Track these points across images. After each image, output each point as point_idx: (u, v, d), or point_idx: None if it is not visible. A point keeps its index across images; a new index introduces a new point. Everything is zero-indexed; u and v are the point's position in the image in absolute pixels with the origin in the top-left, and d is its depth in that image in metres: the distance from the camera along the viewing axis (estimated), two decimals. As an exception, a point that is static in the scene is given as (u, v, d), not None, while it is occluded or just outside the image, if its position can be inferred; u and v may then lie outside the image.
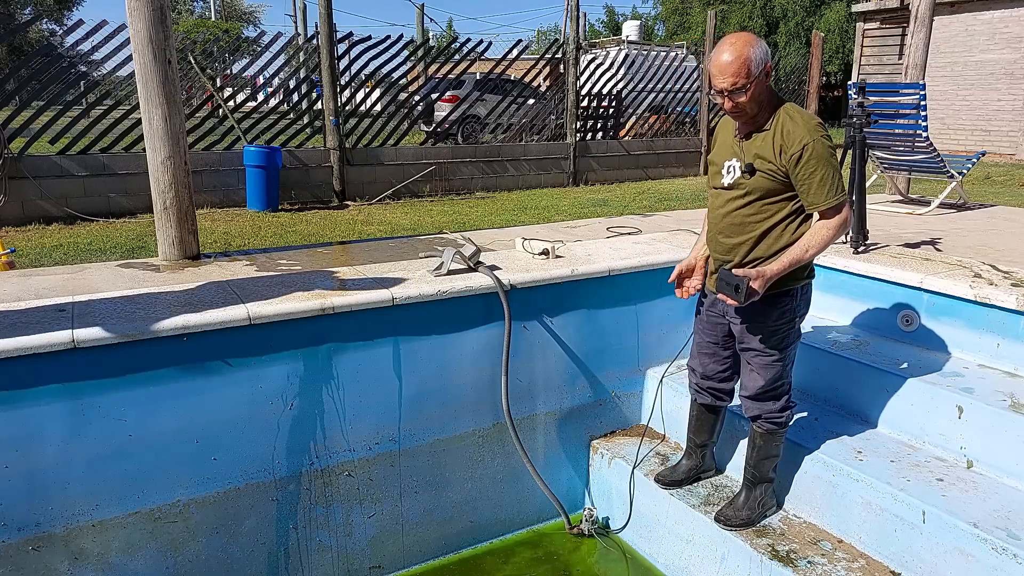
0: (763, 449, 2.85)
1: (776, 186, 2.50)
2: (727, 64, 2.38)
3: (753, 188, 2.53)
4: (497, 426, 3.40)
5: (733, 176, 2.58)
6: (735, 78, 2.37)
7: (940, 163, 5.54)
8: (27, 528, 2.53)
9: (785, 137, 2.44)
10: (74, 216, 7.80)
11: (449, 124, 11.28)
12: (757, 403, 2.77)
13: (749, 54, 2.37)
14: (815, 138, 2.41)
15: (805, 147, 2.40)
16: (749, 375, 2.77)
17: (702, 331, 2.92)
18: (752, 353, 2.72)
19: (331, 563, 3.15)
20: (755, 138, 2.52)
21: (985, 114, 15.05)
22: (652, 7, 45.77)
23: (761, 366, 2.72)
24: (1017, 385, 2.98)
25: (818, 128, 2.44)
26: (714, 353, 2.91)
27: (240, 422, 2.81)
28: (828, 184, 2.42)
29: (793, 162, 2.42)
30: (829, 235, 2.46)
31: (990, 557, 2.37)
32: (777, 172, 2.47)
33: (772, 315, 2.64)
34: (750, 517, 2.92)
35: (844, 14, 23.62)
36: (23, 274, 3.39)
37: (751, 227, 2.57)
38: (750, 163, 2.51)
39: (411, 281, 3.16)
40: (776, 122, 2.48)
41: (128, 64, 8.01)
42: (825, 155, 2.42)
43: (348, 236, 7.00)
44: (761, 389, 2.74)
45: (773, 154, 2.46)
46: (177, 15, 33.90)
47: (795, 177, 2.45)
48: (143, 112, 3.39)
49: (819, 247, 2.47)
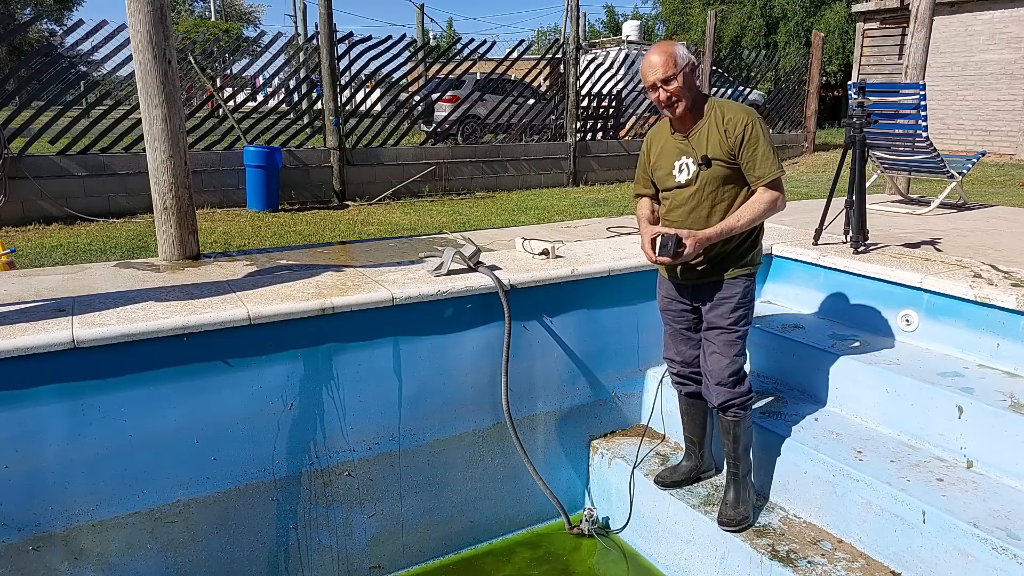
0: (742, 437, 2.92)
1: (729, 171, 2.71)
2: (656, 61, 2.66)
3: (711, 178, 2.72)
4: (497, 426, 3.40)
5: (688, 172, 2.76)
6: (665, 68, 2.64)
7: (940, 163, 5.53)
8: (27, 528, 2.53)
9: (727, 123, 2.68)
10: (74, 216, 7.80)
11: (449, 124, 11.27)
12: (728, 388, 2.84)
13: (673, 50, 2.67)
14: (753, 119, 2.67)
15: (747, 126, 2.65)
16: (713, 358, 2.86)
17: (671, 320, 3.04)
18: (717, 331, 2.84)
19: (331, 563, 3.15)
20: (699, 133, 2.73)
21: (985, 114, 15.04)
22: (652, 7, 45.77)
23: (725, 343, 2.83)
24: (1017, 385, 2.98)
25: (753, 112, 2.71)
26: (687, 338, 3.02)
27: (240, 422, 2.81)
28: (770, 159, 2.66)
29: (739, 142, 2.66)
30: (761, 207, 2.68)
31: (990, 557, 2.37)
32: (729, 156, 2.68)
33: (737, 293, 2.81)
34: (747, 512, 2.96)
35: (844, 14, 23.60)
36: (23, 274, 3.39)
37: (721, 213, 2.75)
38: (704, 155, 2.70)
39: (411, 281, 3.16)
40: (712, 113, 2.71)
41: (128, 64, 8.00)
42: (764, 133, 2.67)
43: (348, 236, 7.00)
44: (729, 370, 2.83)
45: (721, 139, 2.68)
46: (177, 15, 33.89)
47: (741, 155, 2.67)
48: (143, 112, 3.39)
49: (751, 216, 2.69)
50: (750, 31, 26.33)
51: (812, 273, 3.93)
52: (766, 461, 3.12)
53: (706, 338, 2.91)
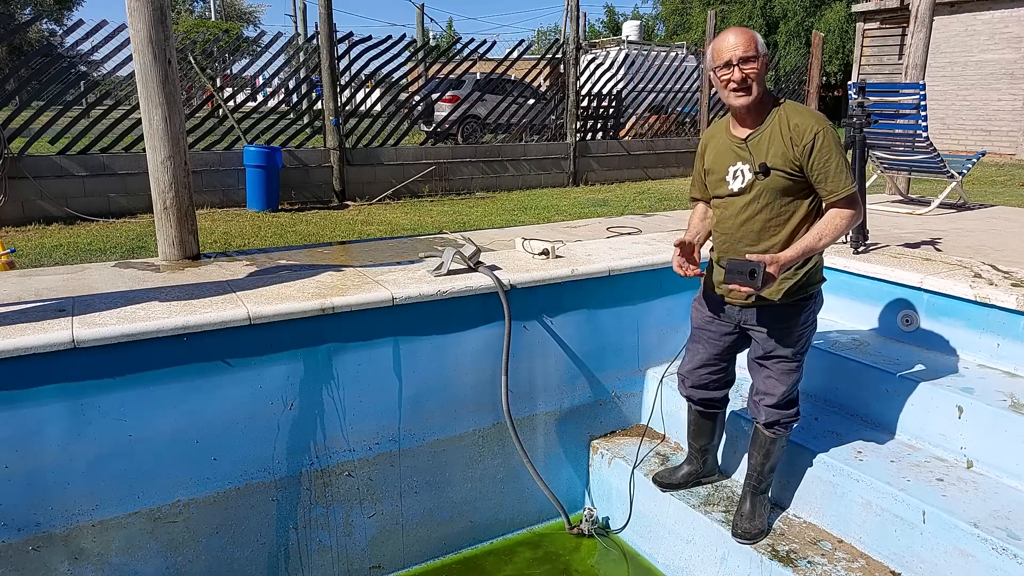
0: (775, 455, 2.81)
1: (791, 183, 2.45)
2: (737, 39, 2.41)
3: (768, 189, 2.47)
4: (497, 426, 3.40)
5: (743, 180, 2.52)
6: (747, 47, 2.39)
7: (940, 163, 5.53)
8: (27, 528, 2.53)
9: (794, 129, 2.41)
10: (74, 216, 7.80)
11: (449, 124, 11.27)
12: (779, 411, 2.72)
13: (754, 35, 2.43)
14: (824, 127, 2.40)
15: (817, 135, 2.38)
16: (768, 382, 2.70)
17: (704, 341, 2.83)
18: (775, 360, 2.66)
19: (331, 563, 3.15)
20: (760, 138, 2.48)
21: (985, 114, 15.05)
22: (652, 7, 45.78)
23: (783, 372, 2.66)
24: (1017, 385, 2.98)
25: (824, 118, 2.44)
26: (713, 364, 2.86)
27: (240, 422, 2.81)
28: (844, 171, 2.40)
29: (807, 152, 2.39)
30: (843, 224, 2.42)
31: (990, 557, 2.37)
32: (793, 167, 2.43)
33: (799, 320, 2.60)
34: (763, 525, 2.89)
35: (844, 14, 23.61)
36: (23, 274, 3.39)
37: (775, 230, 2.51)
38: (763, 163, 2.44)
39: (411, 281, 3.16)
40: (777, 118, 2.46)
41: (128, 64, 8.00)
42: (836, 143, 2.41)
43: (348, 236, 7.00)
44: (784, 395, 2.69)
45: (785, 148, 2.42)
46: (177, 15, 33.89)
47: (810, 167, 2.41)
48: (143, 112, 3.39)
49: (832, 236, 2.42)
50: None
51: (812, 273, 3.93)
52: (766, 461, 3.11)
53: (761, 364, 2.70)
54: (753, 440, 2.84)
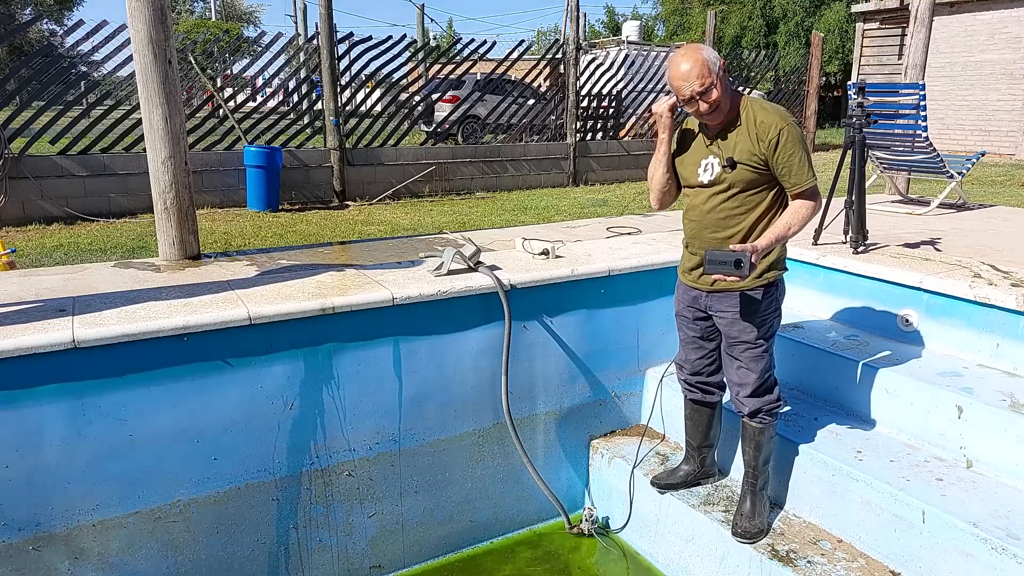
0: (766, 446, 2.85)
1: (756, 177, 2.59)
2: (689, 70, 2.48)
3: (735, 181, 2.61)
4: (497, 426, 3.41)
5: (712, 173, 2.66)
6: (700, 78, 2.47)
7: (940, 163, 5.54)
8: (27, 528, 2.53)
9: (759, 126, 2.55)
10: (74, 216, 7.81)
11: (449, 124, 11.28)
12: (757, 399, 2.78)
13: (703, 56, 2.50)
14: (788, 123, 2.54)
15: (781, 131, 2.52)
16: (740, 372, 2.78)
17: (683, 326, 2.96)
18: (742, 347, 2.75)
19: (331, 563, 3.15)
20: (729, 135, 2.61)
21: (985, 114, 15.05)
22: (652, 7, 45.78)
23: (751, 359, 2.75)
24: (1017, 385, 2.98)
25: (788, 114, 2.58)
26: (699, 347, 2.95)
27: (240, 422, 2.82)
28: (807, 166, 2.56)
29: (772, 148, 2.53)
30: (807, 214, 2.57)
31: (990, 557, 2.38)
32: (758, 161, 2.56)
33: (762, 305, 2.71)
34: (763, 524, 2.90)
35: (844, 14, 23.61)
36: (23, 274, 3.39)
37: (738, 219, 2.65)
38: (730, 157, 2.59)
39: (411, 281, 3.17)
40: (745, 115, 2.59)
41: (128, 64, 8.01)
42: (799, 138, 2.55)
43: (348, 236, 7.00)
44: (758, 383, 2.76)
45: (751, 144, 2.56)
46: (177, 15, 33.89)
47: (775, 162, 2.55)
48: (143, 112, 3.39)
49: (800, 224, 2.57)
50: (750, 31, 26.34)
51: (812, 273, 3.93)
52: (766, 461, 3.12)
53: (730, 353, 2.80)
54: (743, 435, 2.90)
